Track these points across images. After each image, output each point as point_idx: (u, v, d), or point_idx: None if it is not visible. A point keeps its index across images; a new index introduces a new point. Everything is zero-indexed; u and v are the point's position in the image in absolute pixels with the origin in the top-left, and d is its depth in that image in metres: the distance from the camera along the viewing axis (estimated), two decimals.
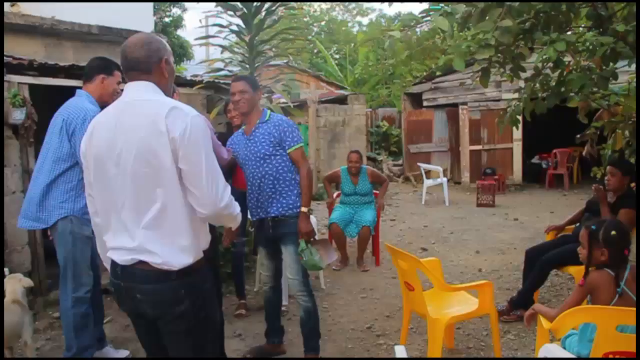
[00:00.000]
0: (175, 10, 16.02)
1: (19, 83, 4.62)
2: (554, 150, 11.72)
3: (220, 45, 5.78)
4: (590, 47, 3.64)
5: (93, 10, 6.73)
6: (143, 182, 1.95)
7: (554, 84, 4.08)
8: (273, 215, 3.40)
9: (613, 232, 2.57)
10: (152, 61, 2.05)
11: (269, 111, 3.56)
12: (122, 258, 2.01)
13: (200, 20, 14.56)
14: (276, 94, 6.30)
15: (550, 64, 3.95)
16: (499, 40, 3.03)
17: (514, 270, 5.56)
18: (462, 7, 3.09)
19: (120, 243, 2.02)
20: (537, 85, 4.25)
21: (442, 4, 3.15)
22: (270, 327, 3.76)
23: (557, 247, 4.23)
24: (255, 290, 5.08)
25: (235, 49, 5.73)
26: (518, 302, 4.16)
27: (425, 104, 13.33)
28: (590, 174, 5.86)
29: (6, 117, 4.49)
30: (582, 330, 2.49)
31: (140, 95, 2.03)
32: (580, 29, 4.26)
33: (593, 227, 2.67)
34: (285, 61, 16.49)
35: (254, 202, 3.48)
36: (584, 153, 4.82)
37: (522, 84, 4.38)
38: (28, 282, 3.54)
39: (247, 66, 5.67)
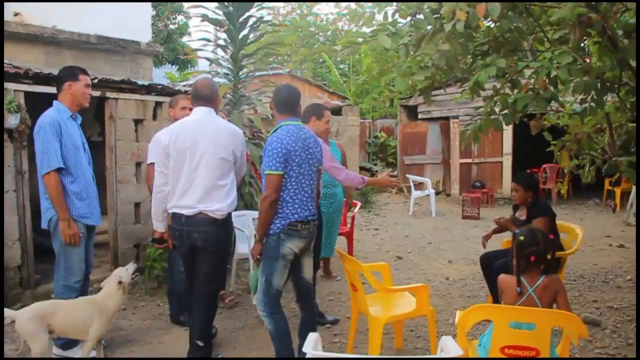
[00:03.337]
0: (181, 18, 16.38)
1: (14, 90, 4.98)
2: (544, 165, 11.90)
3: (207, 58, 6.10)
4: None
5: (93, 19, 7.01)
6: (212, 168, 3.33)
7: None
8: None
9: (521, 238, 2.88)
10: (214, 96, 3.50)
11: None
12: (189, 211, 3.34)
13: (189, 34, 14.91)
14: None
15: (508, 84, 4.25)
16: (436, 63, 3.31)
17: (480, 280, 5.77)
18: (406, 29, 3.36)
19: (186, 202, 3.34)
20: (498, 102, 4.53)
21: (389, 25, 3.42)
22: None
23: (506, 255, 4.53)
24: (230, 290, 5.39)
25: (221, 62, 6.04)
26: None
27: (420, 116, 13.56)
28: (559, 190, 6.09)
29: None
30: (490, 327, 2.76)
31: (209, 116, 3.44)
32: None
33: (516, 231, 3.09)
34: (287, 70, 16.81)
35: None
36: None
37: None
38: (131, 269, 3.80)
39: (232, 79, 5.99)
